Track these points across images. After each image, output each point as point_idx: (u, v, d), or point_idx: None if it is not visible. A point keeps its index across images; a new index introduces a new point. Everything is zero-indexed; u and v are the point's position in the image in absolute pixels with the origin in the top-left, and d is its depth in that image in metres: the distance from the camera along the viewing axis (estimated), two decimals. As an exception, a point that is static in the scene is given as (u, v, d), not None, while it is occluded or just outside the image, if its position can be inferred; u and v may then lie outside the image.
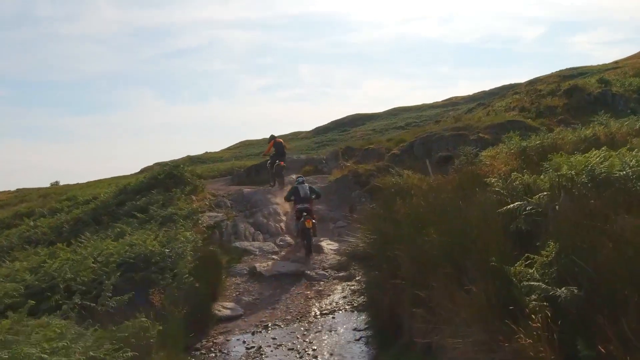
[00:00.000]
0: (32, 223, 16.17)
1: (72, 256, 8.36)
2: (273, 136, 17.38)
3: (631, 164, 4.25)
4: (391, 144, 21.42)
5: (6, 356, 3.92)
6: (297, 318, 7.85)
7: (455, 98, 57.44)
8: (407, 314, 5.32)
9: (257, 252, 11.35)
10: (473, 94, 55.54)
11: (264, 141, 36.64)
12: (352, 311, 7.88)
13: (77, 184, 33.21)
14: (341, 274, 9.83)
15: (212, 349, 6.97)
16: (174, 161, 24.06)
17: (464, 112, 34.09)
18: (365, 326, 7.06)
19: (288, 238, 12.50)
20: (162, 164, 20.91)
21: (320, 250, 11.38)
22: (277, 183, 16.29)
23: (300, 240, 11.46)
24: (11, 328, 4.95)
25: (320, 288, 9.28)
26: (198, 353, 6.87)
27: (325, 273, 10.01)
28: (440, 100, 58.71)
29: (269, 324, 7.65)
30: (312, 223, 11.11)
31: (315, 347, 6.61)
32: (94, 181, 33.16)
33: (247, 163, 26.88)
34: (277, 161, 16.48)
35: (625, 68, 30.44)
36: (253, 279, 9.77)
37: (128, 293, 7.13)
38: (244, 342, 7.05)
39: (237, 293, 9.10)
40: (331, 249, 11.37)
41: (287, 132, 59.01)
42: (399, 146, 20.04)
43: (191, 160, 39.68)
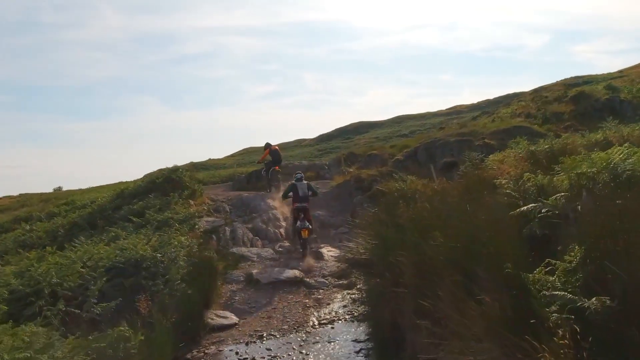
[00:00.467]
0: (28, 227, 15.89)
1: (61, 260, 8.00)
2: (269, 144, 17.21)
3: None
4: (394, 150, 21.06)
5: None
6: (294, 328, 7.44)
7: (459, 106, 57.24)
8: (410, 326, 4.92)
9: (255, 259, 10.96)
10: (477, 103, 55.31)
11: (267, 148, 36.46)
12: (352, 321, 7.47)
13: (80, 190, 32.95)
14: (341, 282, 9.43)
15: (203, 360, 6.58)
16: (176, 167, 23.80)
17: (469, 120, 33.72)
18: (365, 337, 6.66)
19: (287, 244, 12.11)
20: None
21: (320, 257, 10.99)
22: (274, 187, 16.09)
23: (297, 240, 11.52)
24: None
25: (319, 296, 8.87)
26: (188, 364, 6.47)
27: (325, 281, 9.61)
28: (444, 108, 58.52)
29: (264, 334, 7.24)
30: (309, 231, 11.13)
31: (312, 360, 6.21)
32: (96, 187, 32.91)
33: (250, 169, 26.62)
34: (273, 167, 16.48)
35: (631, 76, 30.01)
36: (249, 286, 9.37)
37: (116, 299, 6.78)
38: (237, 354, 6.63)
39: (232, 301, 8.69)
40: (332, 256, 10.97)
41: (291, 140, 58.88)
42: (403, 152, 19.67)
43: (194, 166, 39.50)
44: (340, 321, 7.61)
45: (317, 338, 6.97)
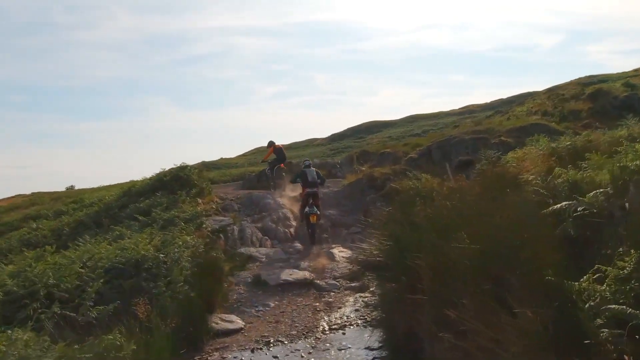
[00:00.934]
0: (34, 225, 15.65)
1: (60, 260, 7.65)
2: (272, 142, 16.94)
3: None
4: (407, 149, 20.59)
5: None
6: (303, 333, 7.01)
7: (472, 106, 56.57)
8: (429, 336, 4.48)
9: (264, 259, 10.54)
10: (490, 102, 54.54)
11: (278, 148, 36.18)
12: (365, 327, 7.01)
13: (91, 189, 32.78)
14: (353, 284, 8.98)
15: (206, 368, 6.17)
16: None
17: (483, 119, 33.11)
18: (379, 345, 6.20)
19: (298, 245, 11.68)
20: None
21: (331, 257, 10.56)
22: (278, 187, 15.94)
23: (306, 229, 11.99)
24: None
25: (330, 299, 8.44)
26: (189, 372, 6.06)
27: (336, 283, 9.17)
28: (457, 108, 57.84)
29: (272, 340, 6.81)
30: (317, 217, 11.70)
31: (321, 369, 5.78)
32: (106, 185, 32.73)
33: (261, 168, 26.37)
34: (278, 165, 16.50)
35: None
36: (257, 288, 8.96)
37: (114, 302, 6.41)
38: (242, 361, 6.22)
39: (239, 303, 8.29)
40: (343, 257, 10.53)
41: (303, 139, 58.52)
42: (416, 150, 19.20)
43: (205, 165, 39.24)
44: (352, 326, 7.18)
45: (327, 345, 6.54)
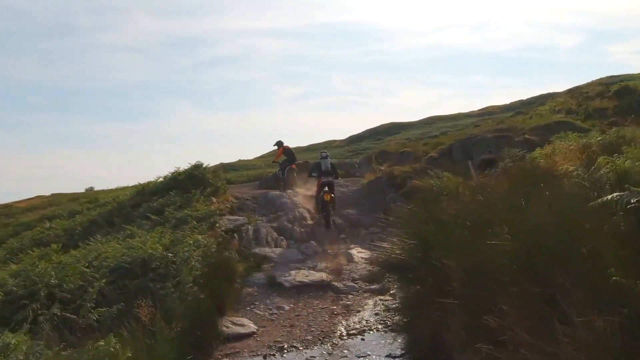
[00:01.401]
0: (48, 225, 15.43)
1: (65, 259, 7.30)
2: (281, 142, 16.46)
3: None
4: (427, 148, 20.03)
5: None
6: (319, 339, 6.54)
7: (491, 107, 55.73)
8: (460, 344, 3.98)
9: (279, 260, 10.09)
10: (510, 103, 53.61)
11: (297, 150, 35.93)
12: (386, 332, 6.52)
13: (109, 190, 32.72)
14: (373, 287, 8.50)
15: (214, 375, 5.74)
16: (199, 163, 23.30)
17: (505, 118, 32.36)
18: (401, 352, 5.70)
19: (315, 245, 11.21)
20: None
21: (350, 258, 10.08)
22: (287, 186, 15.57)
23: (320, 214, 12.19)
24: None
25: (348, 302, 7.96)
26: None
27: (354, 285, 8.69)
28: (476, 109, 57.02)
29: (285, 346, 6.36)
30: (331, 197, 11.85)
31: (339, 378, 5.31)
32: (124, 187, 32.64)
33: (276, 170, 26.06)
34: (289, 166, 16.13)
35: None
36: (271, 290, 8.51)
37: (118, 304, 6.02)
38: (253, 368, 5.78)
39: (252, 306, 7.85)
40: (362, 258, 10.04)
41: (321, 141, 58.08)
42: (437, 149, 18.64)
43: (224, 167, 39.04)
44: (371, 332, 6.69)
45: (345, 351, 6.07)
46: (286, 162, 16.31)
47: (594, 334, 2.29)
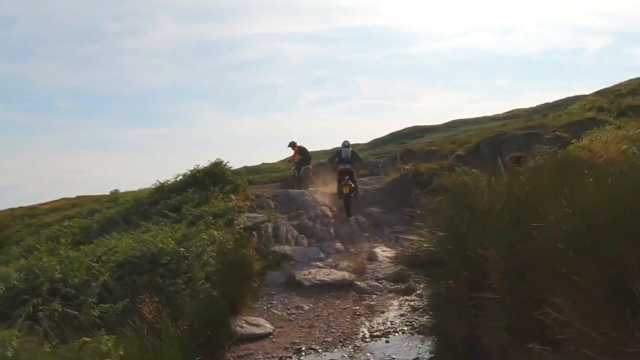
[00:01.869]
0: (66, 223, 15.28)
1: (72, 253, 6.94)
2: (294, 142, 16.11)
3: None
4: (454, 146, 19.40)
5: None
6: (340, 341, 6.04)
7: (517, 110, 54.56)
8: (501, 346, 3.45)
9: (299, 258, 9.61)
10: (536, 106, 52.41)
11: (322, 153, 35.59)
12: (412, 334, 5.99)
13: (132, 191, 32.74)
14: (398, 286, 7.97)
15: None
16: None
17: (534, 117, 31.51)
18: (430, 355, 5.17)
19: (337, 244, 10.72)
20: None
21: (374, 257, 9.57)
22: (304, 186, 15.20)
23: (342, 202, 12.36)
24: None
25: (371, 302, 7.44)
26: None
27: (378, 284, 8.17)
28: (501, 112, 55.90)
29: (303, 348, 5.87)
30: (350, 187, 12.07)
31: (361, 383, 4.81)
32: (147, 188, 32.62)
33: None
34: (305, 166, 15.92)
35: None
36: (290, 289, 8.04)
37: (123, 300, 5.62)
38: (268, 371, 5.31)
39: (269, 305, 7.39)
40: (386, 257, 9.52)
41: (345, 145, 57.44)
42: (464, 147, 18.01)
43: (247, 170, 38.87)
44: (396, 334, 6.17)
45: (368, 354, 5.56)
46: (302, 162, 16.05)
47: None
